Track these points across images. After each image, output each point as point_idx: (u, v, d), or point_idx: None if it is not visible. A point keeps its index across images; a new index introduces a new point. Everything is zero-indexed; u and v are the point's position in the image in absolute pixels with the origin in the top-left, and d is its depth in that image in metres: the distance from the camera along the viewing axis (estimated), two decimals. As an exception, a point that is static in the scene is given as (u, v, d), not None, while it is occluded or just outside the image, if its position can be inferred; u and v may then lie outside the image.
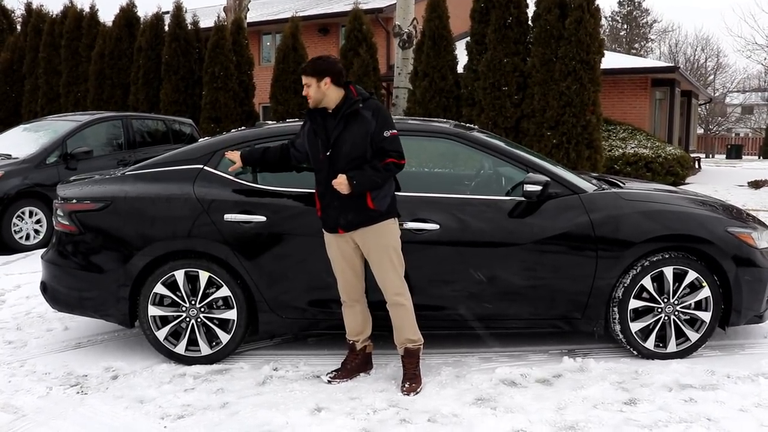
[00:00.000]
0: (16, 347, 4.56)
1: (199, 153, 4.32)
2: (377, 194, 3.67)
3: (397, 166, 3.68)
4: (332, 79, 3.67)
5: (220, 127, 13.88)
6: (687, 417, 3.40)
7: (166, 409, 3.55)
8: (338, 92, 3.70)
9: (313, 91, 3.69)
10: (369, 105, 3.70)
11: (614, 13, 52.27)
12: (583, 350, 4.42)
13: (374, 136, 3.64)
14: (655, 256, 4.15)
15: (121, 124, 9.51)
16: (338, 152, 3.67)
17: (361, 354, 3.98)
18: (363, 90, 3.79)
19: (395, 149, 3.66)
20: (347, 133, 3.66)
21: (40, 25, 17.41)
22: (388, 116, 3.72)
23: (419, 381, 3.78)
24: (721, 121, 44.10)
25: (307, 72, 3.70)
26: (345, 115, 3.67)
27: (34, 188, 8.16)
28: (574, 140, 10.78)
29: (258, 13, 22.88)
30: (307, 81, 3.69)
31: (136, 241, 4.11)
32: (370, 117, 3.65)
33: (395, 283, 3.76)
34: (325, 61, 3.71)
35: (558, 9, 10.89)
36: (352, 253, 3.79)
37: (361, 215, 3.68)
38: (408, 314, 3.79)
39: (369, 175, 3.62)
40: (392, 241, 3.75)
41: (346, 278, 3.84)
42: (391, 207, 3.75)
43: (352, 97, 3.70)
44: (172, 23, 14.97)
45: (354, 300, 3.88)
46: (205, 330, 4.16)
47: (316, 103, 3.72)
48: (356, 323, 3.94)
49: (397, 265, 3.75)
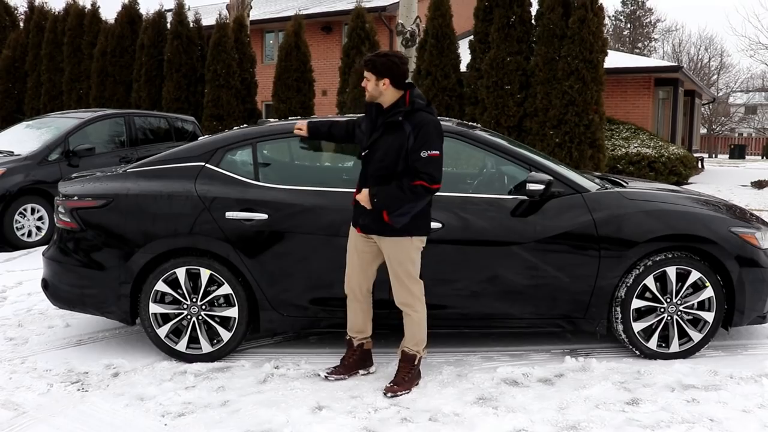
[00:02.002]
0: (17, 344, 4.56)
1: (201, 150, 4.31)
2: (396, 211, 3.55)
3: (426, 191, 3.50)
4: (391, 81, 3.57)
5: (223, 125, 13.88)
6: (689, 417, 3.39)
7: (167, 407, 3.54)
8: (396, 94, 3.59)
9: (371, 87, 3.60)
10: (414, 118, 3.51)
11: (618, 12, 52.21)
12: (586, 350, 4.41)
13: (410, 152, 3.48)
14: (658, 255, 4.13)
15: (124, 122, 9.50)
16: (372, 156, 3.61)
17: (359, 351, 3.95)
18: (419, 99, 3.60)
19: (428, 172, 3.46)
20: (383, 141, 3.58)
21: (43, 22, 17.42)
22: (433, 134, 3.50)
23: (406, 386, 3.72)
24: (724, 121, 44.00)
25: (368, 67, 3.60)
26: (386, 123, 3.58)
27: (36, 185, 8.15)
28: (577, 139, 10.77)
29: (261, 11, 22.87)
30: (368, 76, 3.60)
31: (138, 239, 4.10)
32: (409, 131, 3.49)
33: (401, 293, 3.72)
34: (389, 61, 3.57)
35: (561, 8, 10.88)
36: (368, 250, 3.76)
37: (375, 224, 3.63)
38: (414, 325, 3.75)
39: (392, 194, 3.51)
40: (402, 257, 3.65)
41: (353, 273, 3.82)
42: (411, 226, 3.59)
43: (401, 105, 3.57)
44: (174, 21, 14.97)
45: (356, 297, 3.86)
46: (207, 328, 4.15)
47: (372, 99, 3.64)
48: (356, 320, 3.92)
49: (405, 279, 3.67)
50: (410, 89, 3.62)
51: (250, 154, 4.28)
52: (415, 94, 3.61)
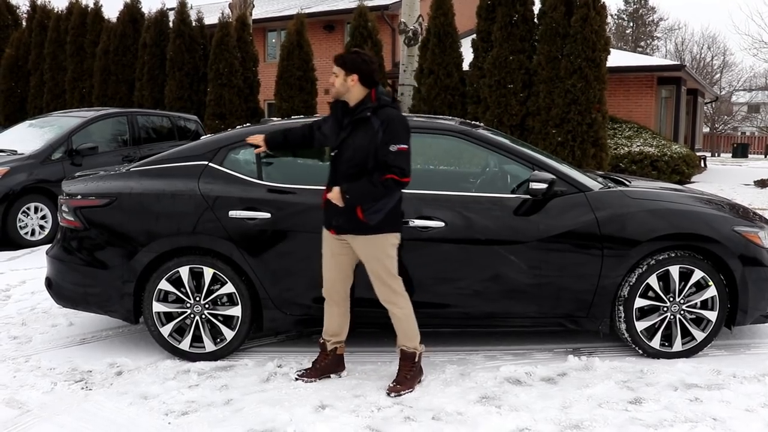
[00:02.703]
0: (21, 342, 4.57)
1: (204, 149, 4.32)
2: (369, 207, 3.57)
3: (397, 184, 3.53)
4: (360, 78, 3.59)
5: (225, 124, 13.88)
6: (692, 417, 3.39)
7: (170, 405, 3.55)
8: (363, 91, 3.62)
9: (338, 82, 3.62)
10: (381, 113, 3.56)
11: (620, 11, 52.14)
12: (589, 349, 4.41)
13: (379, 147, 3.52)
14: (661, 254, 4.13)
15: (126, 121, 9.51)
16: (342, 155, 3.63)
17: (331, 355, 3.93)
18: (385, 96, 3.65)
19: (398, 165, 3.50)
20: (352, 139, 3.60)
21: (45, 21, 17.45)
22: (400, 129, 3.55)
23: (408, 385, 3.72)
24: (727, 120, 43.93)
25: (338, 62, 3.63)
26: (354, 120, 3.60)
27: (39, 184, 8.17)
28: (580, 138, 10.75)
29: (263, 10, 22.87)
30: (336, 71, 3.63)
31: (141, 238, 4.11)
32: (377, 126, 3.53)
33: (382, 292, 3.72)
34: (359, 58, 3.62)
35: (564, 6, 10.85)
36: (343, 253, 3.75)
37: (350, 223, 3.63)
38: (401, 322, 3.75)
39: (363, 189, 3.53)
40: (379, 254, 3.65)
41: (330, 276, 3.82)
42: (385, 223, 3.61)
43: (368, 102, 3.60)
44: (176, 19, 14.97)
45: (333, 300, 3.86)
46: (210, 326, 4.16)
47: (338, 95, 3.66)
48: (332, 324, 3.91)
49: (385, 276, 3.68)
50: (375, 87, 3.65)
51: (253, 153, 4.28)
52: (380, 91, 3.66)
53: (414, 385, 3.74)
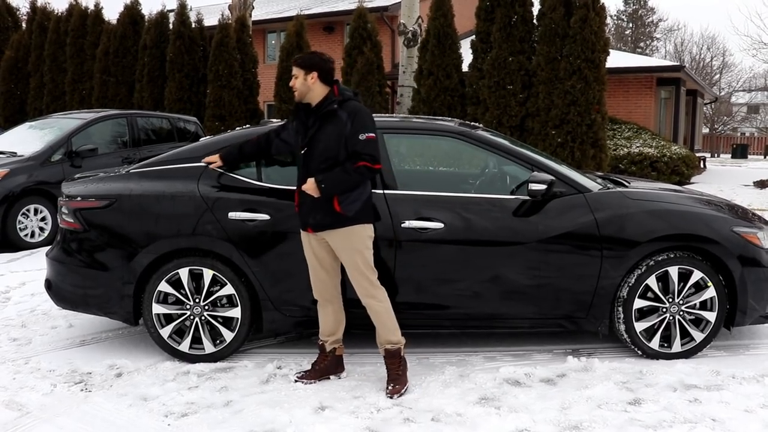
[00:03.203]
0: (20, 344, 4.57)
1: (203, 151, 4.32)
2: (346, 198, 3.61)
3: (369, 170, 3.60)
4: (319, 75, 3.67)
5: (225, 125, 13.90)
6: (692, 417, 3.39)
7: (170, 407, 3.55)
8: (324, 89, 3.69)
9: (299, 83, 3.69)
10: (347, 106, 3.65)
11: (619, 11, 52.12)
12: (588, 350, 4.41)
13: (349, 138, 3.59)
14: (660, 255, 4.13)
15: (126, 122, 9.51)
16: (312, 151, 3.67)
17: (330, 355, 3.94)
18: (347, 90, 3.74)
19: (369, 152, 3.57)
20: (321, 133, 3.65)
21: (45, 22, 17.47)
22: (367, 119, 3.64)
23: (403, 382, 3.74)
24: (726, 121, 43.93)
25: (296, 63, 3.72)
26: (321, 115, 3.66)
27: (39, 186, 8.16)
28: (579, 139, 10.76)
29: (263, 12, 22.88)
30: (296, 72, 3.70)
31: (141, 239, 4.11)
32: (345, 118, 3.60)
33: (362, 285, 3.72)
34: (316, 56, 3.73)
35: (563, 7, 10.87)
36: (324, 252, 3.77)
37: (328, 217, 3.64)
38: (381, 316, 3.75)
39: (338, 178, 3.57)
40: (359, 246, 3.68)
41: (318, 277, 3.83)
42: (362, 212, 3.67)
43: (332, 97, 3.67)
44: (176, 21, 14.99)
45: (326, 300, 3.87)
46: (209, 328, 4.16)
47: (301, 96, 3.72)
48: (327, 324, 3.92)
49: (364, 269, 3.69)
50: (336, 84, 3.73)
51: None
52: (342, 87, 3.74)
53: (407, 379, 3.76)
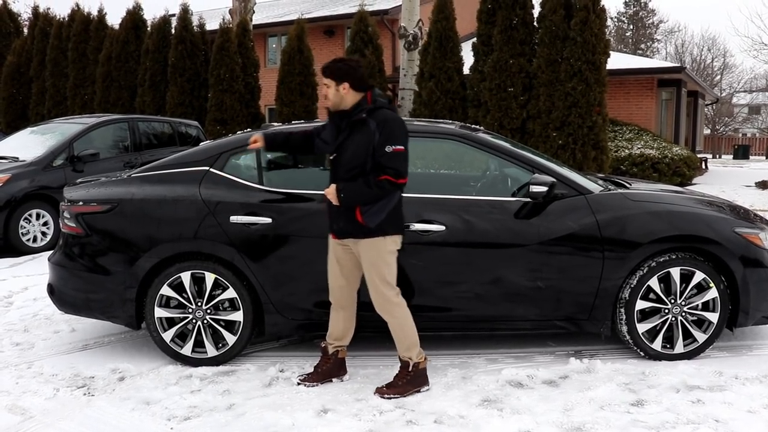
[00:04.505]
0: (23, 349, 4.58)
1: (205, 155, 4.33)
2: (368, 209, 3.56)
3: (392, 185, 3.52)
4: (351, 84, 3.59)
5: (226, 129, 13.91)
6: (694, 418, 3.39)
7: (173, 411, 3.56)
8: (357, 96, 3.62)
9: (331, 93, 3.63)
10: (377, 115, 3.56)
11: (620, 13, 52.17)
12: (590, 351, 4.41)
13: (376, 149, 3.51)
14: (662, 256, 4.13)
15: (128, 127, 9.54)
16: (340, 158, 3.64)
17: (333, 358, 3.93)
18: (381, 98, 3.65)
19: (393, 167, 3.49)
20: (350, 141, 3.60)
21: (47, 28, 17.50)
22: (397, 130, 3.54)
23: (397, 390, 3.69)
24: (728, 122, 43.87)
25: (326, 74, 3.64)
26: (350, 123, 3.61)
27: (41, 191, 8.19)
28: (580, 141, 10.77)
29: (263, 16, 22.92)
30: (327, 82, 3.63)
31: (143, 243, 4.12)
32: (373, 128, 3.53)
33: (376, 300, 3.69)
34: (347, 65, 3.62)
35: (563, 9, 10.88)
36: (347, 258, 3.75)
37: (349, 225, 3.63)
38: (396, 332, 3.73)
39: (358, 190, 3.53)
40: (376, 260, 3.63)
41: (336, 282, 3.82)
42: (384, 225, 3.59)
43: (363, 104, 3.60)
44: (178, 26, 15.01)
45: (340, 305, 3.86)
46: (212, 332, 4.16)
47: (335, 107, 3.66)
48: (337, 328, 3.90)
49: (379, 283, 3.65)
50: (371, 90, 3.65)
51: (254, 158, 4.30)
52: (377, 93, 3.66)
53: (405, 392, 3.69)
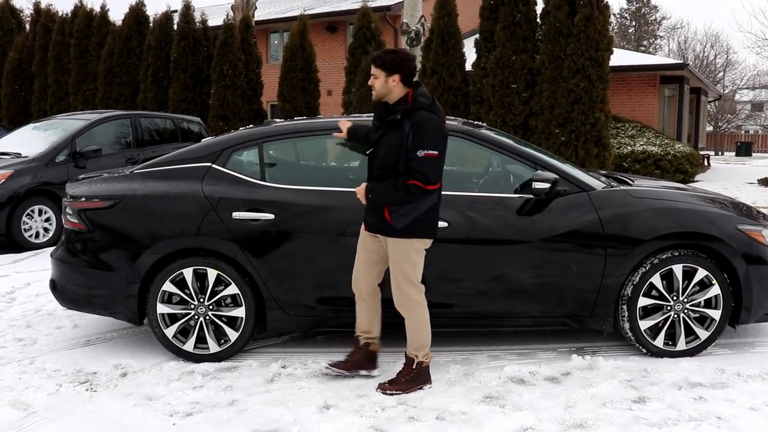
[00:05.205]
0: (26, 344, 4.59)
1: (207, 151, 4.33)
2: (396, 211, 3.54)
3: (420, 190, 3.45)
4: (401, 78, 3.52)
5: (229, 126, 13.91)
6: (697, 415, 3.39)
7: (175, 407, 3.56)
8: (404, 91, 3.55)
9: (379, 84, 3.56)
10: (414, 116, 3.46)
11: (623, 10, 52.06)
12: (592, 348, 4.40)
13: (409, 151, 3.44)
14: (664, 253, 4.12)
15: (130, 123, 9.54)
16: (375, 155, 3.63)
17: (363, 349, 3.93)
18: (422, 97, 3.54)
19: (423, 172, 3.42)
20: (384, 140, 3.57)
21: (50, 24, 17.52)
22: (432, 134, 3.44)
23: (399, 387, 3.69)
24: (730, 118, 43.83)
25: (377, 64, 3.55)
26: (386, 121, 3.56)
27: (43, 187, 8.19)
28: (583, 138, 10.76)
29: (266, 12, 22.91)
30: (376, 72, 3.56)
31: (145, 239, 4.12)
32: (408, 129, 3.45)
33: (397, 296, 3.70)
34: (399, 57, 3.54)
35: (567, 6, 10.87)
36: (375, 249, 3.76)
37: (378, 223, 3.64)
38: (412, 327, 3.73)
39: (385, 191, 3.52)
40: (401, 258, 3.62)
41: (358, 270, 3.83)
42: (412, 228, 3.55)
43: (403, 104, 3.52)
44: (180, 22, 15.01)
45: (361, 296, 3.86)
46: (214, 328, 4.17)
47: (380, 97, 3.59)
48: (361, 320, 3.92)
49: (401, 280, 3.64)
50: (415, 88, 3.57)
51: (257, 154, 4.30)
52: (419, 92, 3.56)
53: (407, 389, 3.69)
